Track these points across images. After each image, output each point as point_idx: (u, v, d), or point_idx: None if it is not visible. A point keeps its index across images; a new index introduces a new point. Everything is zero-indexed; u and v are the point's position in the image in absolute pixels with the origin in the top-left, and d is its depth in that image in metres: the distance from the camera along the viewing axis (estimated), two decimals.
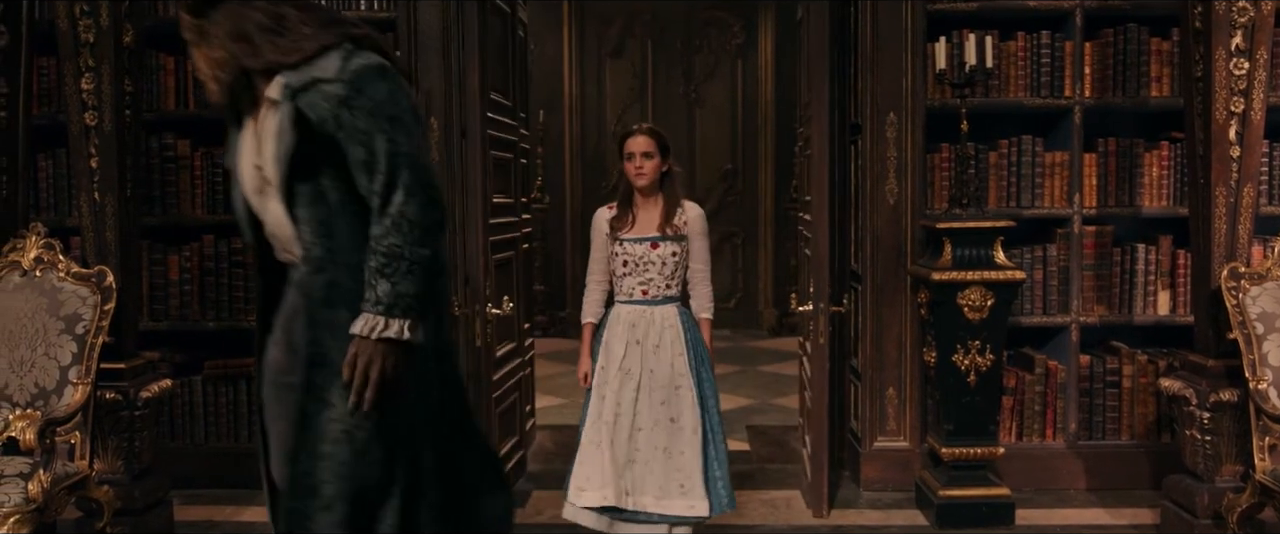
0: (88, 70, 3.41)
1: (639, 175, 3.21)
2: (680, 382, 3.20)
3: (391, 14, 4.13)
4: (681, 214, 3.25)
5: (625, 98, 8.41)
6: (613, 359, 3.23)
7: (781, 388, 6.21)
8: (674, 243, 3.22)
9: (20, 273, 3.37)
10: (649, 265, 3.22)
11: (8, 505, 2.87)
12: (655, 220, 3.23)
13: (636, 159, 3.21)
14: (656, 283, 3.23)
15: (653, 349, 3.21)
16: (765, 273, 8.49)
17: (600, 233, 3.32)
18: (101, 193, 3.48)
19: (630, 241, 3.23)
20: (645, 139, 3.22)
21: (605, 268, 3.32)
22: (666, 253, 3.21)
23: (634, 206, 3.27)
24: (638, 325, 3.22)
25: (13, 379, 3.29)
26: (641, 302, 3.24)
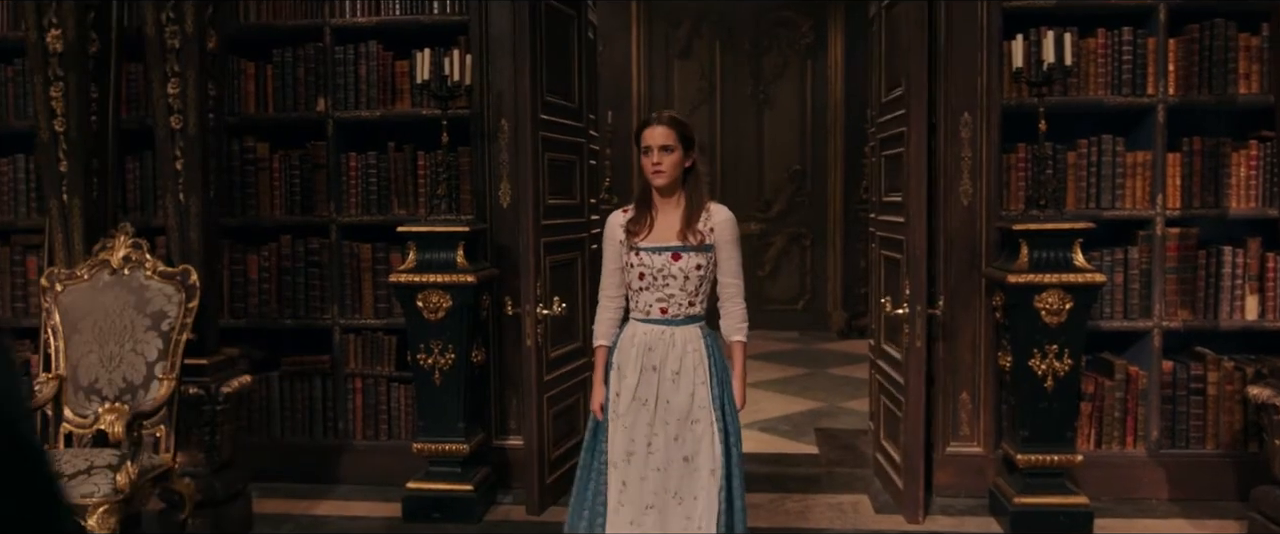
0: (173, 75, 3.52)
1: (656, 172, 2.72)
2: (698, 415, 2.72)
3: (464, 17, 4.18)
4: (707, 218, 2.76)
5: (693, 98, 8.39)
6: (625, 386, 2.77)
7: (850, 391, 6.14)
8: (699, 253, 2.73)
9: (109, 271, 3.49)
10: (669, 279, 2.73)
11: (97, 496, 2.98)
12: (676, 226, 2.75)
13: (654, 153, 2.73)
14: (678, 300, 2.73)
15: (671, 377, 2.73)
16: (834, 275, 8.40)
17: (613, 241, 2.84)
18: (186, 194, 3.59)
19: (648, 251, 2.74)
20: (664, 130, 2.73)
21: (620, 281, 2.85)
22: (690, 265, 2.72)
23: (652, 209, 2.79)
24: (655, 348, 2.75)
25: (102, 373, 3.41)
26: (660, 321, 2.75)
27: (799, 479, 4.41)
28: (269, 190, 4.38)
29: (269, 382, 4.39)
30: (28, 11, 3.52)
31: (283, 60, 4.32)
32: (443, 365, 3.88)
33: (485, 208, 4.18)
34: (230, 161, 4.30)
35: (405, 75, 4.27)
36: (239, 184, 4.37)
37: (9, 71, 4.42)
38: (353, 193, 4.34)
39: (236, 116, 4.32)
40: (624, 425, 2.77)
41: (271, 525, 3.86)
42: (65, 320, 3.47)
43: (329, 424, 4.40)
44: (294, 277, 4.38)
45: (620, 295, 2.89)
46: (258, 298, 4.40)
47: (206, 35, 3.54)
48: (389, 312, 4.30)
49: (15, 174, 4.46)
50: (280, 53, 4.32)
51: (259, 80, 4.35)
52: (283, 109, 4.34)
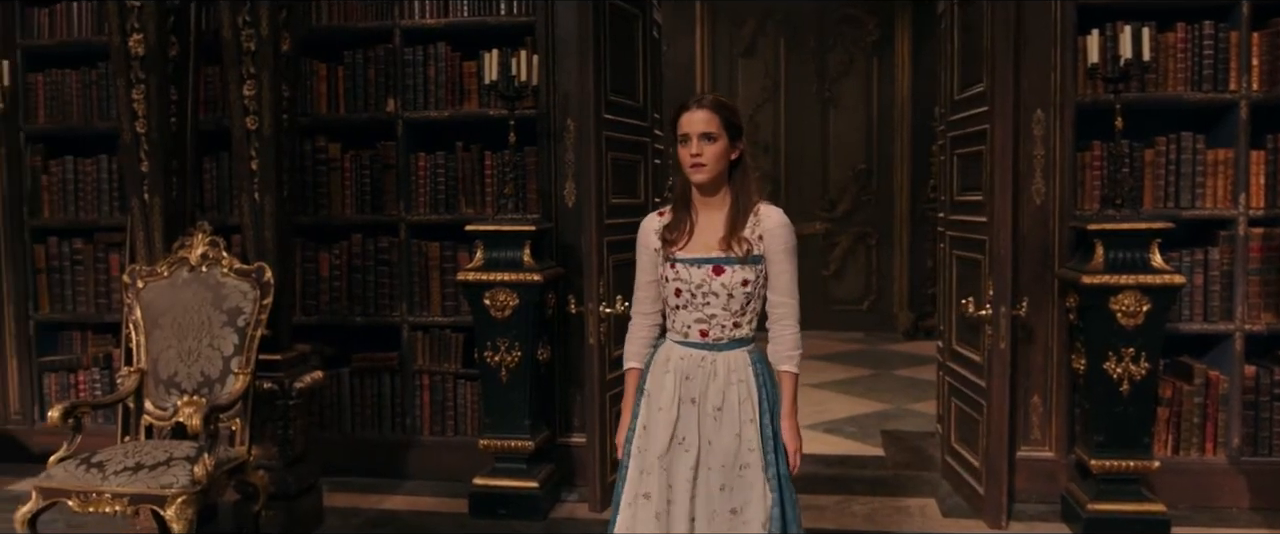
0: (249, 77, 3.60)
1: (696, 165, 2.30)
2: (748, 459, 2.33)
3: (531, 17, 4.22)
4: (756, 223, 2.34)
5: (758, 97, 8.35)
6: (659, 422, 2.38)
7: (917, 393, 6.05)
8: (746, 266, 2.31)
9: (188, 268, 3.59)
10: (710, 297, 2.33)
11: (175, 486, 3.06)
12: (719, 233, 2.34)
13: (693, 142, 2.30)
14: (721, 321, 2.34)
15: (712, 413, 2.34)
16: (900, 275, 8.29)
17: (647, 249, 2.44)
18: (261, 193, 3.67)
19: (686, 263, 2.34)
20: (705, 114, 2.30)
21: (655, 295, 2.46)
22: (735, 281, 2.31)
23: (691, 212, 2.38)
24: (693, 378, 2.36)
25: (181, 368, 3.51)
26: (700, 344, 2.36)
27: (865, 482, 4.36)
28: (340, 189, 4.46)
29: (339, 378, 4.47)
30: (111, 16, 3.63)
31: (354, 62, 4.40)
32: (509, 363, 3.92)
33: (551, 207, 4.21)
34: (303, 161, 4.40)
35: (473, 76, 4.32)
36: (311, 183, 4.46)
37: (93, 74, 4.57)
38: (421, 192, 4.40)
39: (309, 117, 4.41)
40: (660, 469, 2.36)
41: (342, 519, 3.93)
42: (146, 316, 3.57)
43: (397, 420, 4.47)
44: (364, 275, 4.46)
45: (655, 312, 2.49)
46: (329, 295, 4.48)
47: (280, 38, 3.62)
48: (456, 309, 4.35)
49: (99, 174, 4.61)
50: (351, 54, 4.40)
51: (331, 81, 4.44)
52: (354, 110, 4.42)
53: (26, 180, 4.65)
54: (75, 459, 3.21)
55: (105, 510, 3.09)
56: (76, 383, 4.69)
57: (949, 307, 4.32)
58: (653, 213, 2.51)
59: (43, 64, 4.62)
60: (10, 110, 4.54)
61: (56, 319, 4.71)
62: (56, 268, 4.68)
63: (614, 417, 4.12)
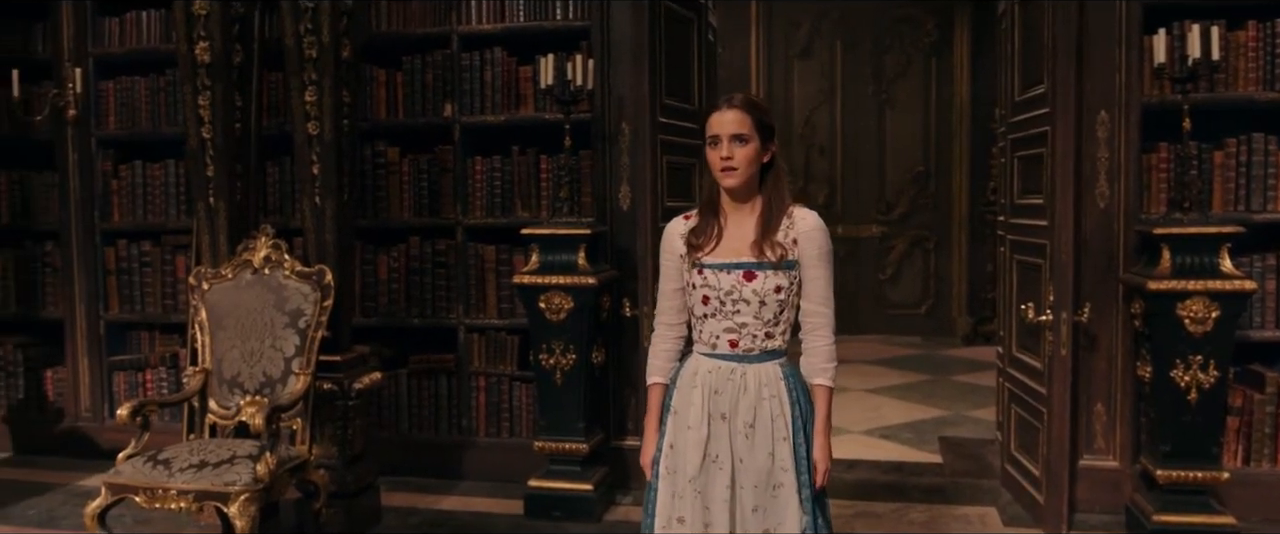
0: (310, 84, 3.67)
1: (727, 169, 2.20)
2: (782, 478, 2.22)
3: (586, 22, 4.24)
4: (789, 227, 2.23)
5: (814, 99, 8.29)
6: (689, 441, 2.26)
7: (976, 399, 5.95)
8: (779, 272, 2.20)
9: (252, 271, 3.67)
10: (741, 305, 2.21)
11: (238, 484, 3.13)
12: (750, 236, 2.23)
13: (723, 144, 2.20)
14: (752, 330, 2.22)
15: (744, 430, 2.22)
16: (959, 279, 8.16)
17: (671, 254, 2.33)
18: (322, 197, 3.74)
19: (713, 268, 2.23)
20: (736, 114, 2.20)
21: (680, 304, 2.34)
22: (767, 287, 2.20)
23: (720, 216, 2.28)
24: (723, 392, 2.23)
25: (244, 368, 3.58)
26: (729, 356, 2.24)
27: (922, 489, 4.30)
28: (399, 193, 4.52)
29: (398, 379, 4.53)
30: (179, 25, 3.73)
31: (412, 67, 4.46)
32: (564, 366, 3.94)
33: (606, 210, 4.22)
34: (363, 165, 4.47)
35: (528, 80, 4.35)
36: (371, 187, 4.53)
37: (160, 81, 4.70)
38: (478, 195, 4.45)
39: (369, 122, 4.48)
40: (692, 489, 2.24)
41: (399, 518, 3.98)
42: (211, 317, 3.66)
43: (453, 421, 4.52)
44: (421, 277, 4.52)
45: (680, 323, 2.36)
46: (387, 297, 4.55)
47: (341, 45, 3.68)
48: (512, 312, 4.39)
49: (166, 178, 4.73)
50: (410, 60, 4.46)
51: (390, 87, 4.50)
52: (412, 114, 4.48)
53: (98, 184, 4.78)
54: (143, 456, 3.29)
55: (171, 507, 3.17)
56: (144, 381, 4.82)
57: (1009, 312, 4.25)
58: (677, 216, 2.38)
59: (113, 72, 4.76)
60: (82, 117, 4.68)
61: (125, 319, 4.84)
62: (126, 269, 4.81)
63: None
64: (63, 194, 4.78)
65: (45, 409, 4.94)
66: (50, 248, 4.90)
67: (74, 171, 4.75)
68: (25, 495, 4.27)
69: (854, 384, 6.42)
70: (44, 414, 4.93)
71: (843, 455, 4.76)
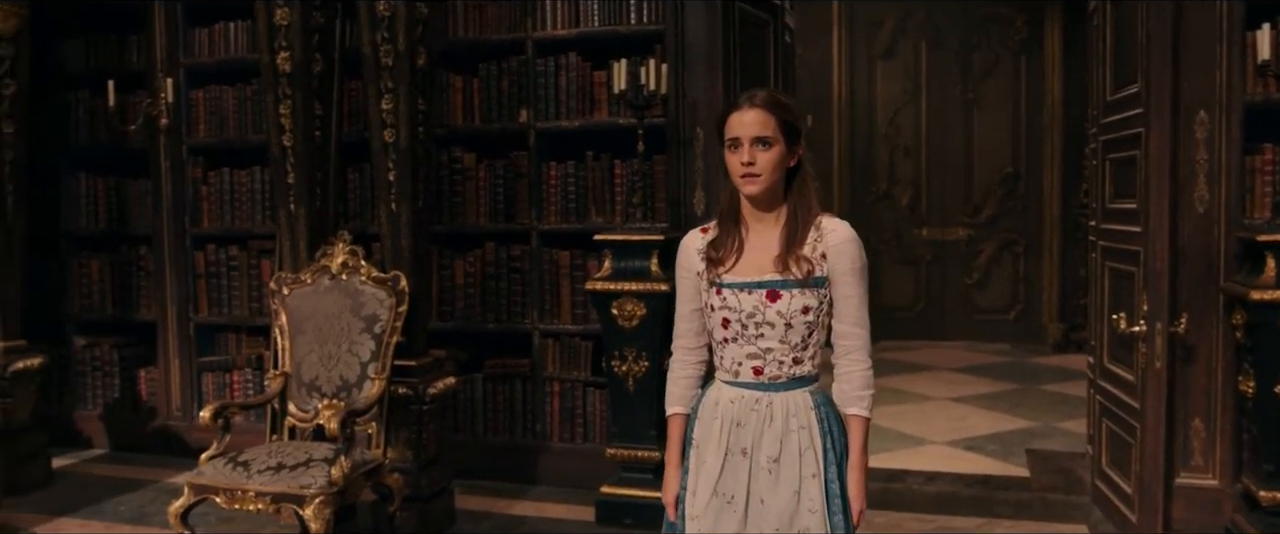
0: (387, 91, 3.71)
1: (748, 176, 1.96)
2: (808, 523, 1.99)
3: (660, 26, 4.20)
4: (818, 239, 2.00)
5: (897, 100, 8.11)
6: (704, 476, 2.05)
7: (1066, 410, 5.74)
8: (806, 291, 1.97)
9: (329, 276, 3.73)
10: (764, 328, 1.99)
11: (313, 487, 3.18)
12: (774, 251, 2.00)
13: (744, 147, 1.95)
14: (778, 356, 2.00)
15: (767, 466, 2.00)
16: (1050, 284, 7.89)
17: (688, 271, 2.10)
18: (398, 203, 3.78)
19: (734, 288, 2.01)
20: (759, 114, 1.96)
21: (698, 327, 2.12)
22: (793, 307, 1.97)
23: (741, 228, 2.05)
24: (745, 423, 2.02)
25: (322, 372, 3.64)
26: (753, 385, 2.02)
27: (1008, 504, 4.15)
28: (475, 199, 4.55)
29: (473, 383, 4.57)
30: (261, 35, 3.82)
31: (488, 73, 4.49)
32: (636, 373, 3.91)
33: (680, 216, 4.18)
34: (440, 171, 4.51)
35: (602, 85, 4.33)
36: (448, 192, 4.57)
37: (247, 90, 4.82)
38: (553, 201, 4.45)
39: (445, 128, 4.52)
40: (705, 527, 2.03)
41: (472, 522, 4.01)
42: (291, 321, 3.73)
43: (527, 426, 4.53)
44: (497, 282, 4.54)
45: (700, 347, 2.14)
46: (464, 302, 4.58)
47: (416, 54, 3.72)
48: (585, 317, 4.37)
49: (252, 184, 4.85)
50: (486, 66, 4.49)
51: (466, 93, 4.54)
52: (488, 120, 4.51)
53: (188, 191, 4.93)
54: (224, 457, 3.37)
55: (249, 508, 3.24)
56: (231, 382, 4.95)
57: (1100, 321, 4.07)
58: (694, 230, 2.14)
59: (203, 81, 4.90)
60: (174, 125, 4.83)
61: (214, 322, 4.98)
62: (214, 273, 4.95)
63: None
64: (155, 200, 4.94)
65: (138, 408, 5.12)
66: (144, 252, 5.07)
67: (166, 178, 4.91)
68: (118, 492, 4.43)
69: (938, 392, 6.25)
70: (137, 412, 5.11)
71: (924, 467, 4.64)
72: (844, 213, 8.04)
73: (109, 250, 5.16)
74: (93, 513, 4.16)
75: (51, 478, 4.57)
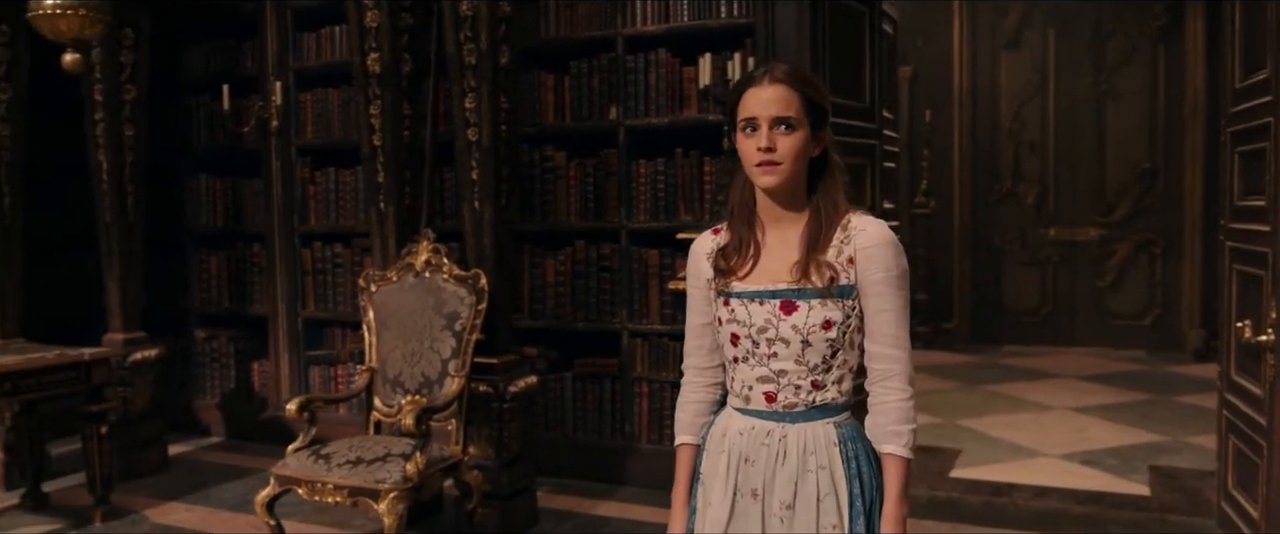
0: (470, 90, 3.73)
1: (767, 165, 1.68)
2: None
3: (751, 19, 4.09)
4: (845, 240, 1.72)
5: (1023, 92, 7.72)
6: (711, 520, 1.80)
7: (1202, 423, 5.31)
8: (829, 302, 1.69)
9: (413, 274, 3.78)
10: (777, 345, 1.72)
11: (388, 482, 3.21)
12: (793, 255, 1.72)
13: (763, 130, 1.67)
14: (794, 379, 1.72)
15: (780, 512, 1.73)
16: (1191, 288, 7.35)
17: (698, 278, 1.84)
18: (480, 201, 3.79)
19: (743, 298, 1.74)
20: (780, 91, 1.68)
21: (709, 343, 1.85)
22: (811, 322, 1.69)
23: (755, 229, 1.77)
24: (755, 461, 1.74)
25: (406, 368, 3.69)
26: (765, 414, 1.75)
27: (1121, 524, 3.87)
28: (566, 197, 4.54)
29: (563, 381, 4.56)
30: (353, 37, 3.90)
31: (579, 71, 4.47)
32: None
33: None
34: (531, 170, 4.52)
35: (692, 81, 4.25)
36: (539, 191, 4.57)
37: (350, 92, 4.93)
38: (642, 199, 4.40)
39: (537, 127, 4.53)
40: None
41: (554, 522, 3.99)
42: (377, 318, 3.79)
43: (616, 426, 4.49)
44: (587, 281, 4.51)
45: (713, 367, 1.86)
46: (554, 300, 4.58)
47: (499, 52, 3.72)
48: (674, 318, 4.30)
49: (356, 183, 4.98)
50: (577, 64, 4.47)
51: (557, 91, 4.53)
52: (578, 118, 4.49)
53: (297, 190, 5.10)
54: (308, 450, 3.45)
55: (328, 500, 3.30)
56: (335, 375, 5.10)
57: (1227, 328, 3.73)
58: (706, 231, 1.87)
59: (310, 84, 5.06)
60: (283, 127, 5.00)
61: (320, 317, 5.13)
62: (321, 270, 5.10)
63: None
64: (267, 200, 5.13)
65: (252, 398, 5.33)
66: (257, 249, 5.27)
67: (276, 178, 5.08)
68: (227, 478, 4.61)
69: (1058, 401, 5.90)
70: (251, 403, 5.32)
71: (1033, 481, 4.37)
72: (965, 212, 7.77)
73: (226, 247, 5.39)
74: (199, 498, 4.35)
75: (167, 463, 4.80)
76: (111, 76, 4.50)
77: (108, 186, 4.57)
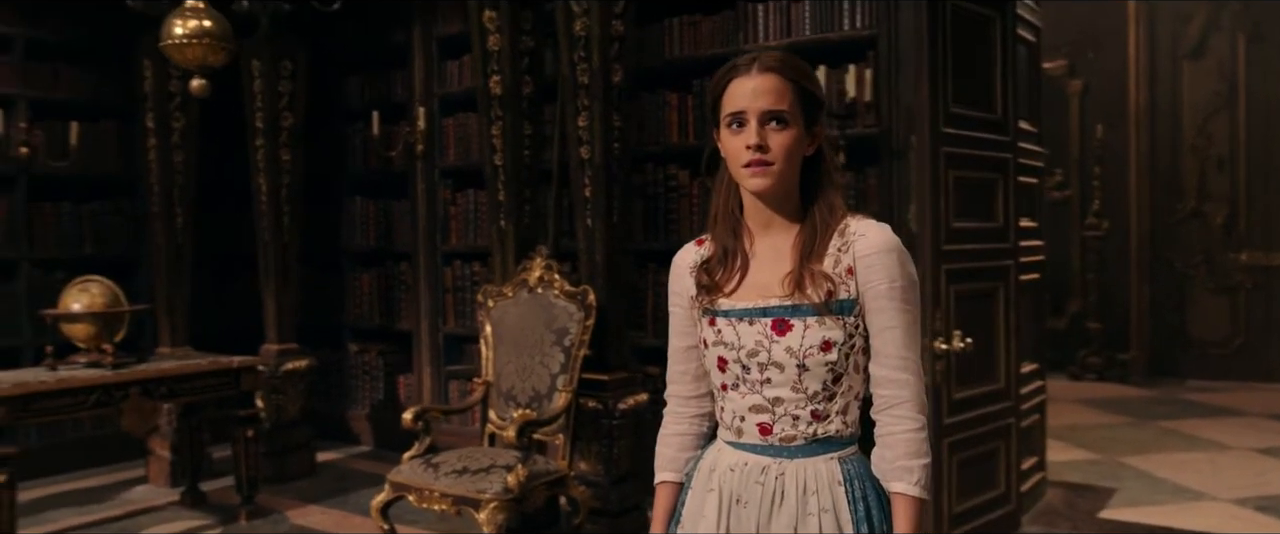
0: (583, 109, 3.79)
1: (757, 165, 1.50)
2: None
3: (873, 30, 3.97)
4: (843, 248, 1.53)
5: (1207, 105, 7.12)
6: None
7: None
8: (827, 319, 1.51)
9: (527, 290, 3.85)
10: (770, 370, 1.53)
11: (489, 492, 3.27)
12: (785, 266, 1.54)
13: (751, 125, 1.50)
14: (790, 408, 1.53)
15: None
16: None
17: (682, 296, 1.66)
18: (593, 218, 3.83)
19: (731, 316, 1.56)
20: (771, 80, 1.50)
21: (698, 369, 1.66)
22: (808, 343, 1.51)
23: (741, 239, 1.60)
24: (749, 502, 1.56)
25: (518, 382, 3.76)
26: (759, 448, 1.56)
27: None
28: (689, 216, 4.52)
29: None
30: (475, 61, 4.04)
31: (701, 89, 4.45)
32: None
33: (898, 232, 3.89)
34: (655, 189, 4.53)
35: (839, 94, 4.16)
36: (663, 209, 4.57)
37: None
38: None
39: (661, 146, 4.54)
40: None
41: None
42: (495, 332, 3.89)
43: None
44: None
45: (699, 396, 1.67)
46: None
47: (612, 71, 3.76)
48: None
49: None
50: (699, 82, 4.46)
51: (681, 110, 4.53)
52: (702, 137, 4.47)
53: (439, 211, 5.32)
54: (421, 459, 3.57)
55: (434, 508, 3.40)
56: (471, 389, 5.23)
57: None
58: (690, 243, 1.69)
59: (452, 109, 5.27)
60: (428, 150, 5.23)
61: (459, 333, 5.31)
62: (460, 287, 5.29)
63: (956, 468, 3.69)
64: (412, 220, 5.37)
65: (397, 410, 5.55)
66: (404, 268, 5.52)
67: (421, 200, 5.32)
68: (366, 485, 4.82)
69: (1240, 441, 5.37)
70: (396, 414, 5.54)
71: (1196, 525, 3.98)
72: (1142, 234, 7.22)
73: (377, 266, 5.67)
74: (337, 503, 4.57)
75: (315, 469, 5.08)
76: (270, 105, 4.85)
77: (266, 208, 4.91)
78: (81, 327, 3.96)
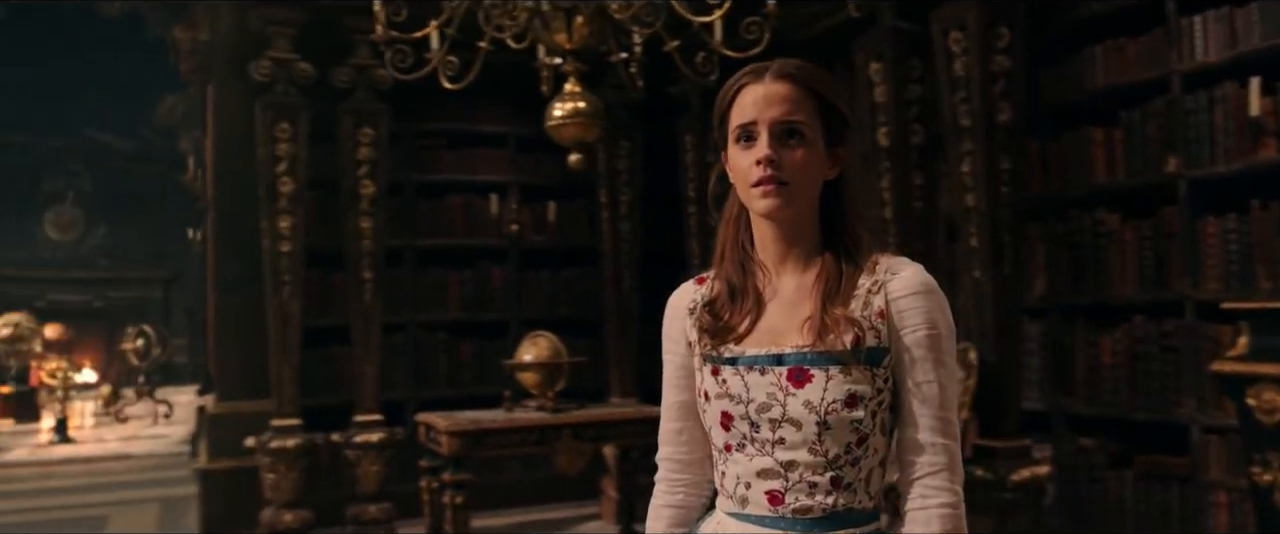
0: (965, 154, 3.56)
1: (768, 184, 1.28)
2: None
3: None
4: (873, 290, 1.29)
5: None
6: None
7: None
8: (855, 370, 1.27)
9: None
10: (784, 428, 1.28)
11: None
12: (804, 309, 1.31)
13: (761, 138, 1.29)
14: (807, 474, 1.28)
15: None
16: None
17: (678, 342, 1.42)
18: (980, 271, 3.55)
19: (736, 365, 1.33)
20: (786, 88, 1.29)
21: (695, 428, 1.41)
22: (831, 397, 1.27)
23: (751, 275, 1.36)
24: None
25: None
26: (769, 520, 1.30)
27: None
28: (1120, 264, 3.96)
29: (1122, 479, 3.92)
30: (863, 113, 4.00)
31: (1129, 120, 3.91)
32: None
33: None
34: (1080, 236, 4.05)
35: (1271, 114, 3.43)
36: (1090, 258, 4.06)
37: None
38: (1211, 264, 3.64)
39: (1085, 188, 4.05)
40: None
41: None
42: None
43: None
44: (1146, 362, 3.85)
45: (697, 459, 1.43)
46: (1111, 384, 3.99)
47: (996, 110, 3.50)
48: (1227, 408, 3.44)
49: None
50: (1127, 113, 3.92)
51: (1108, 145, 4.01)
52: (1133, 174, 3.92)
53: None
54: None
55: None
56: None
57: None
58: (687, 282, 1.45)
59: None
60: None
61: None
62: None
63: None
64: None
65: None
66: None
67: None
68: None
69: None
70: None
71: None
72: None
73: None
74: None
75: None
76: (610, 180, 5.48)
77: (609, 273, 5.52)
78: (530, 375, 4.57)
